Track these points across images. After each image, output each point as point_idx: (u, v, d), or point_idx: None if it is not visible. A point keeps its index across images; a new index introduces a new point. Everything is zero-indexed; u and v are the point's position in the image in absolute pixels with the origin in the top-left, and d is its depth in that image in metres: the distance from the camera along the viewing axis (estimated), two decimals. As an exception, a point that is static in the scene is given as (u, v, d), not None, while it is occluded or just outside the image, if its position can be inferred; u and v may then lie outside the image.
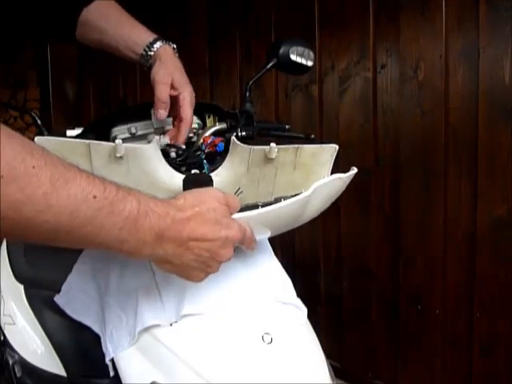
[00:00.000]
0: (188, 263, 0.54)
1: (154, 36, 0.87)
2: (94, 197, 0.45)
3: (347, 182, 0.76)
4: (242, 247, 0.61)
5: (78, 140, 0.70)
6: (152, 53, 0.86)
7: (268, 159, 0.78)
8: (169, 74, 0.83)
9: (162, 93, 0.81)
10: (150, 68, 0.87)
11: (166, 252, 0.52)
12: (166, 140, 0.83)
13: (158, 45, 0.86)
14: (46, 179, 0.42)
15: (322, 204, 0.73)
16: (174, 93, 0.83)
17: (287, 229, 0.74)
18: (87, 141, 0.68)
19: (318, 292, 1.86)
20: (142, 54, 0.86)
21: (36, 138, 0.66)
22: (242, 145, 0.75)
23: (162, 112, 0.81)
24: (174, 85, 0.83)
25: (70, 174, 0.44)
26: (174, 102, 0.83)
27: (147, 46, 0.86)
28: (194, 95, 0.85)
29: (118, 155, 0.69)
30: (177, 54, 0.88)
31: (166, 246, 0.51)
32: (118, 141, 0.68)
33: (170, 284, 0.69)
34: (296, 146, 0.80)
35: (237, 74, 2.05)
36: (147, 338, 0.66)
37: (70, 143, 0.69)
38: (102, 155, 0.69)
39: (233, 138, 0.76)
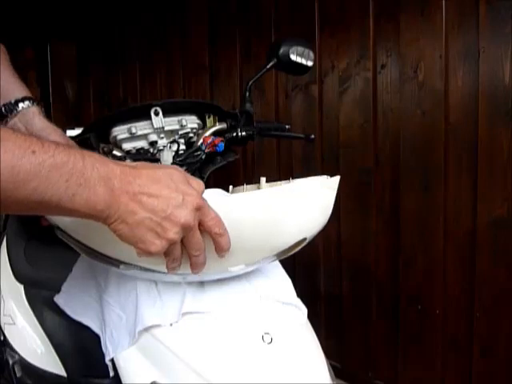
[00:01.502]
0: (142, 221, 0.50)
1: (24, 94, 0.82)
2: (33, 152, 0.45)
3: (333, 188, 0.70)
4: (209, 231, 0.55)
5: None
6: (15, 110, 0.80)
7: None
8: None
9: None
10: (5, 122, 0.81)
11: (119, 206, 0.49)
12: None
13: (23, 105, 0.81)
14: None
15: (308, 212, 0.67)
16: None
17: (272, 233, 0.64)
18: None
19: (318, 292, 1.86)
20: (2, 106, 0.81)
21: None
22: (237, 187, 0.85)
23: None
24: None
25: (5, 133, 0.45)
26: None
27: (14, 102, 0.80)
28: None
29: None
30: (43, 115, 0.83)
31: (119, 198, 0.49)
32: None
33: (170, 283, 0.69)
34: (286, 180, 0.83)
35: (237, 74, 2.05)
36: (147, 337, 0.66)
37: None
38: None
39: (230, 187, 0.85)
